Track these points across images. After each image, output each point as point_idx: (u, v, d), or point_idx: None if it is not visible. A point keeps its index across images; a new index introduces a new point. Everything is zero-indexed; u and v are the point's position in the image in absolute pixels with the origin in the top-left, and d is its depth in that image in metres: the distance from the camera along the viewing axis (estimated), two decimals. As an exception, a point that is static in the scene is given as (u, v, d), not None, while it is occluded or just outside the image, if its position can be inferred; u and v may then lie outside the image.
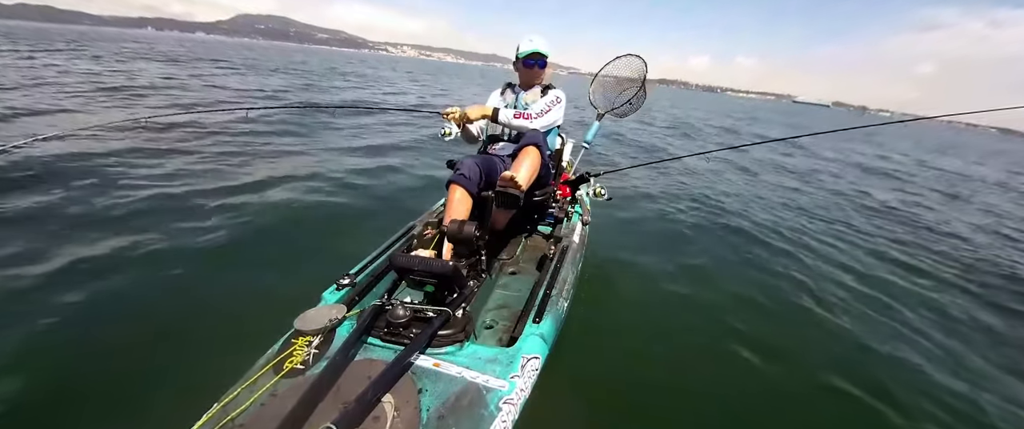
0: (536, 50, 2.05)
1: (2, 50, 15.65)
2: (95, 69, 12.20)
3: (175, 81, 11.47)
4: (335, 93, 11.64)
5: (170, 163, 4.39)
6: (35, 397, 1.59)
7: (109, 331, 1.96)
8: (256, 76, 15.31)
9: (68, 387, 1.64)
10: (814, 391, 1.99)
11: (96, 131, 5.01)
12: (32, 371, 1.70)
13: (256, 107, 5.24)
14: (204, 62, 20.06)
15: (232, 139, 5.62)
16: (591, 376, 1.91)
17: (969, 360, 2.38)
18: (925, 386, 2.09)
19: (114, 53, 19.79)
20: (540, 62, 2.08)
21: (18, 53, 15.12)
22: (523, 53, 2.06)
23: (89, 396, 1.61)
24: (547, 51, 2.07)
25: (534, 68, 2.10)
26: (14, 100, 6.56)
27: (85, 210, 3.14)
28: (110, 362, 1.78)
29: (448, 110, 1.89)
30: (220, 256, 2.70)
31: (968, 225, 5.43)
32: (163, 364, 1.78)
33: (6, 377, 1.65)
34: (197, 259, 2.62)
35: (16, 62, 12.21)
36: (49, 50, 17.61)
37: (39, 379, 1.66)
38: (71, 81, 9.35)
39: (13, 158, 3.84)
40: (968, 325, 2.77)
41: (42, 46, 19.79)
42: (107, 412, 1.55)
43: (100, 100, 7.56)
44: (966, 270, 3.72)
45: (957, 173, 11.18)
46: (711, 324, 2.43)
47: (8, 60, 12.54)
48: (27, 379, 1.66)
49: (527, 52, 2.05)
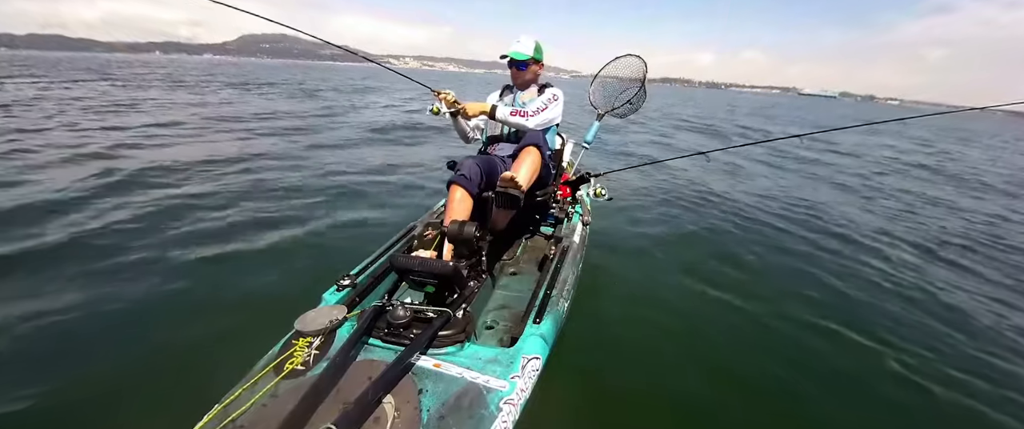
0: (513, 53, 2.06)
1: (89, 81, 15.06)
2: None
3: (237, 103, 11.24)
4: (355, 114, 11.39)
5: (171, 170, 4.40)
6: (35, 397, 1.59)
7: (110, 333, 1.97)
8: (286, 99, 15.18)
9: (68, 387, 1.65)
10: (816, 390, 1.98)
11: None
12: (32, 371, 1.71)
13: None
14: (262, 83, 19.66)
15: (230, 143, 5.64)
16: (591, 376, 1.90)
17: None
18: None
19: (136, 77, 19.53)
20: (520, 65, 2.09)
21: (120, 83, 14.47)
22: (507, 55, 2.08)
23: (91, 397, 1.61)
24: (529, 53, 2.07)
25: (516, 69, 2.11)
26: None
27: (91, 214, 3.14)
28: (111, 363, 1.78)
29: (443, 92, 1.98)
30: (220, 258, 2.70)
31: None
32: (164, 365, 1.78)
33: (6, 378, 1.65)
34: (197, 261, 2.63)
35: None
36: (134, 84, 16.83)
37: (39, 379, 1.67)
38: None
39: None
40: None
41: (122, 78, 19.11)
42: (108, 412, 1.55)
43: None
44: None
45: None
46: (712, 323, 2.43)
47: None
48: (27, 379, 1.66)
49: (508, 55, 2.07)
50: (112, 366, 1.77)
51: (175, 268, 2.52)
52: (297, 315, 1.32)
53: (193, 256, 2.67)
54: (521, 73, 2.12)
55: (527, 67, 2.10)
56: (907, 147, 12.77)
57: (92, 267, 2.48)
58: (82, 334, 1.93)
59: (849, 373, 2.11)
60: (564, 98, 2.14)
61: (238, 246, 2.85)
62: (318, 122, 8.29)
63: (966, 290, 3.14)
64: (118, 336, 1.95)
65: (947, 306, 2.85)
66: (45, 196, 3.50)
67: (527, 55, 2.07)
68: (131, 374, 1.72)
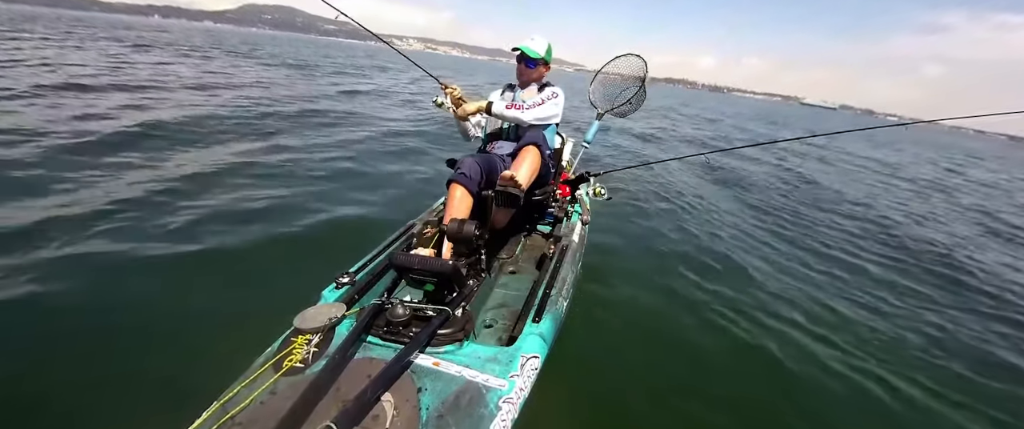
0: (525, 48, 2.07)
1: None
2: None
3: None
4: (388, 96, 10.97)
5: (166, 161, 4.38)
6: (34, 397, 1.58)
7: (108, 329, 1.96)
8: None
9: (68, 386, 1.64)
10: (818, 389, 1.99)
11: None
12: (31, 371, 1.70)
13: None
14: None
15: (227, 133, 5.61)
16: (590, 375, 1.91)
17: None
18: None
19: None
20: (529, 62, 2.09)
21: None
22: (518, 48, 2.08)
23: (89, 395, 1.61)
24: (541, 53, 2.08)
25: (524, 65, 2.12)
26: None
27: (80, 207, 3.12)
28: (109, 360, 1.78)
29: (450, 86, 2.04)
30: (219, 255, 2.69)
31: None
32: (163, 362, 1.78)
33: (6, 379, 1.64)
34: (196, 258, 2.62)
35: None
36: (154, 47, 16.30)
37: (39, 379, 1.66)
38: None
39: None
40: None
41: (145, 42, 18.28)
42: (107, 411, 1.55)
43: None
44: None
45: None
46: (711, 323, 2.43)
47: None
48: (26, 380, 1.65)
49: (520, 49, 2.07)
50: (109, 363, 1.76)
51: (171, 264, 2.50)
52: (296, 312, 1.32)
53: (191, 253, 2.66)
54: (529, 70, 2.13)
55: (536, 65, 2.11)
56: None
57: (87, 259, 2.47)
58: (76, 329, 1.93)
59: (850, 374, 2.12)
60: (564, 96, 2.14)
61: (237, 243, 2.84)
62: (318, 107, 8.22)
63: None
64: (115, 332, 1.94)
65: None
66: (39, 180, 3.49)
67: (539, 54, 2.08)
68: (128, 371, 1.72)
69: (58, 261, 2.42)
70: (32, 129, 4.67)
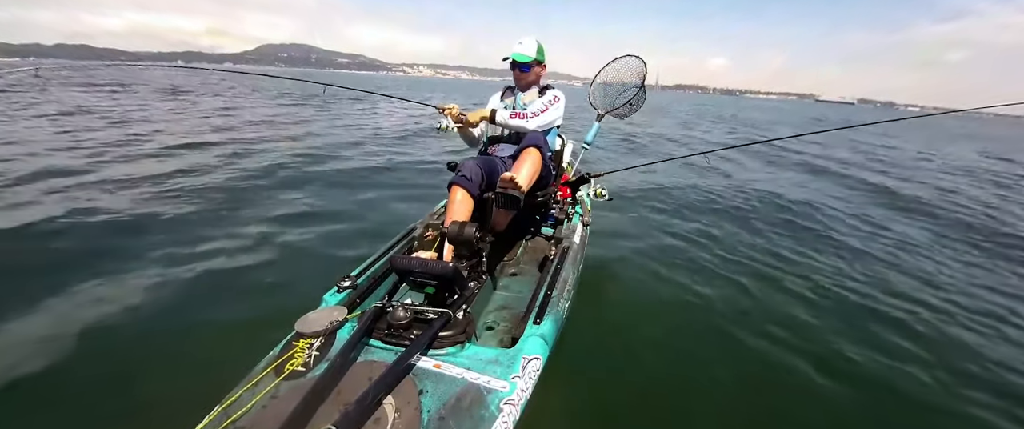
0: (516, 55, 2.08)
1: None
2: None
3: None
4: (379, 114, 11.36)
5: (168, 174, 4.41)
6: (34, 399, 1.59)
7: (110, 334, 1.97)
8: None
9: (69, 388, 1.65)
10: (818, 388, 1.97)
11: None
12: (30, 372, 1.71)
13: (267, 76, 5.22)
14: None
15: (230, 145, 5.65)
16: (592, 377, 1.90)
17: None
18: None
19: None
20: (523, 67, 2.10)
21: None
22: (509, 57, 2.09)
23: (92, 398, 1.62)
24: (532, 54, 2.09)
25: (519, 71, 2.13)
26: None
27: (96, 218, 3.15)
28: (112, 365, 1.79)
29: (447, 106, 2.06)
30: (220, 258, 2.70)
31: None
32: (165, 367, 1.79)
33: (6, 380, 1.65)
34: (197, 262, 2.63)
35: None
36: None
37: (39, 381, 1.67)
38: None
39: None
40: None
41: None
42: (109, 415, 1.56)
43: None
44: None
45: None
46: (712, 323, 2.42)
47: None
48: (25, 381, 1.66)
49: (511, 57, 2.08)
50: (112, 367, 1.77)
51: (175, 269, 2.52)
52: (297, 316, 1.32)
53: (192, 257, 2.67)
54: (524, 75, 2.14)
55: (530, 69, 2.12)
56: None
57: (90, 268, 2.48)
58: (78, 334, 1.94)
59: (850, 376, 2.10)
60: (564, 99, 2.15)
61: (238, 247, 2.85)
62: (320, 119, 8.30)
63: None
64: (117, 337, 1.95)
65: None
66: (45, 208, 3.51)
67: (530, 57, 2.09)
68: (132, 375, 1.72)
69: (58, 261, 2.43)
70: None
